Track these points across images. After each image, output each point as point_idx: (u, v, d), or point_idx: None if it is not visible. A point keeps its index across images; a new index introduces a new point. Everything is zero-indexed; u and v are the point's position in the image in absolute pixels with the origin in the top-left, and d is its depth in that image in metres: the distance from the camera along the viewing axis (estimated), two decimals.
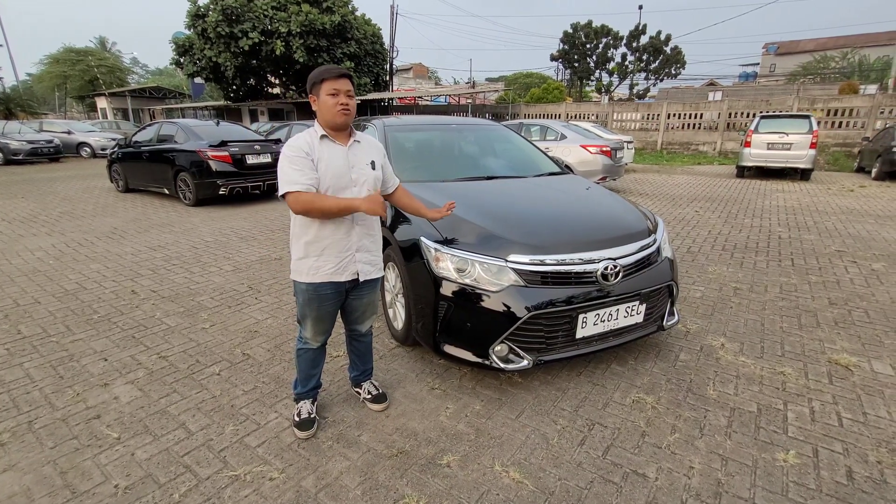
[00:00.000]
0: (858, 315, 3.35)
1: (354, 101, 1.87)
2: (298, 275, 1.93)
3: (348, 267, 1.93)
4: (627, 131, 17.55)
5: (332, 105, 1.80)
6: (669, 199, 8.24)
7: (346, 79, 1.82)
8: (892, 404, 2.30)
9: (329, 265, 1.90)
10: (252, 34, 18.96)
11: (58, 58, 35.43)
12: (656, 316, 2.62)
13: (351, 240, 1.92)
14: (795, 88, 21.76)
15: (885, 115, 13.89)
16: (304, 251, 1.90)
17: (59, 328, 3.15)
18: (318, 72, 1.83)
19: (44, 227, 6.17)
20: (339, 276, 1.92)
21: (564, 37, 29.13)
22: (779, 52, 42.68)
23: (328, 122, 1.84)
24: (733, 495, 1.74)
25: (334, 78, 1.80)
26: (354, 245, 1.93)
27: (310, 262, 1.89)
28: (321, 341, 2.09)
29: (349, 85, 1.83)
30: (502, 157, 3.89)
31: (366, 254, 1.98)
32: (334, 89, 1.80)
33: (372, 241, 2.01)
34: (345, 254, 1.91)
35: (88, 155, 17.02)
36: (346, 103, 1.81)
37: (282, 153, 1.81)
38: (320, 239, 1.87)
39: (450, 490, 1.76)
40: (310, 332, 2.04)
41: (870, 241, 5.30)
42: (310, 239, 1.88)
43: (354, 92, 1.88)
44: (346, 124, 1.86)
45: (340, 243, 1.89)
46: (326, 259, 1.89)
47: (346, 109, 1.81)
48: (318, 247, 1.88)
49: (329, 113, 1.81)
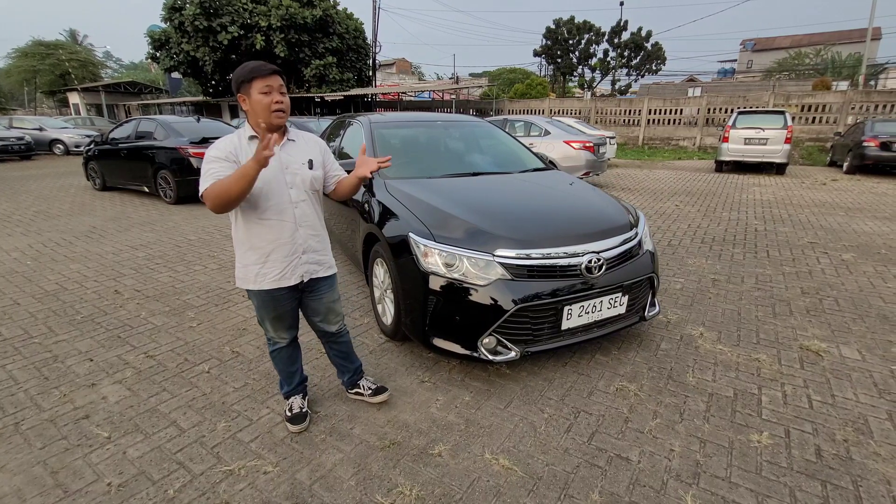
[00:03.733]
0: (829, 303, 3.50)
1: (288, 99, 1.76)
2: (245, 282, 1.86)
3: (296, 270, 1.87)
4: (609, 127, 17.78)
5: (266, 104, 1.69)
6: (650, 193, 8.42)
7: (278, 75, 1.72)
8: (858, 387, 2.43)
9: (275, 271, 1.83)
10: (231, 28, 18.63)
11: (26, 51, 34.15)
12: (638, 307, 2.71)
13: (296, 243, 1.85)
14: (771, 85, 22.32)
15: (855, 111, 14.38)
16: (247, 258, 1.83)
17: (41, 329, 3.10)
18: (245, 70, 1.70)
19: (18, 226, 6.00)
20: (287, 281, 1.86)
21: (547, 32, 29.29)
22: (755, 49, 43.67)
23: (264, 122, 1.72)
24: (711, 475, 1.83)
25: (266, 75, 1.68)
26: (300, 248, 1.86)
27: (255, 269, 1.82)
28: (289, 337, 2.05)
29: (281, 81, 1.73)
30: (488, 154, 3.94)
31: (312, 254, 1.91)
32: (267, 86, 1.68)
33: (318, 241, 1.94)
34: (290, 258, 1.85)
35: (62, 152, 16.50)
36: (280, 101, 1.71)
37: (205, 155, 1.72)
38: (263, 245, 1.80)
39: (441, 478, 1.82)
40: (273, 331, 2.00)
41: (840, 233, 5.52)
42: (252, 245, 1.80)
43: (286, 89, 1.78)
44: (281, 125, 1.76)
45: (285, 248, 1.82)
46: (272, 266, 1.82)
47: (280, 110, 1.71)
48: (261, 253, 1.81)
49: (263, 114, 1.70)
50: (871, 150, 10.19)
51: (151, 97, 31.21)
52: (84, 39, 41.67)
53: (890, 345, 2.87)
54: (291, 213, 1.84)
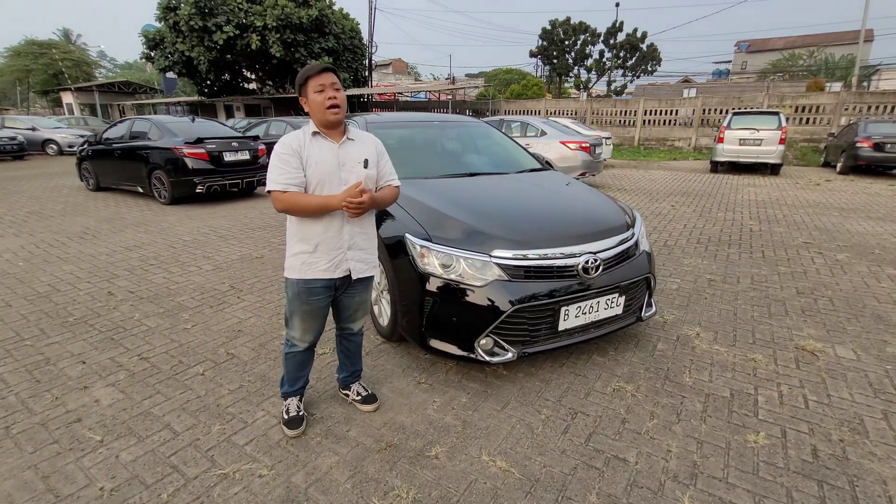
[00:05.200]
0: (824, 303, 3.52)
1: (343, 94, 1.85)
2: (291, 271, 1.93)
3: (341, 264, 1.93)
4: (605, 127, 17.84)
5: (321, 102, 1.79)
6: (646, 193, 8.44)
7: (330, 73, 1.82)
8: (853, 386, 2.44)
9: (322, 262, 1.90)
10: (227, 28, 18.53)
11: (19, 50, 33.88)
12: (635, 307, 2.71)
13: (342, 238, 1.91)
14: (766, 86, 22.46)
15: (849, 112, 14.49)
16: (297, 248, 1.90)
17: (33, 331, 3.07)
18: (301, 72, 1.83)
19: (10, 227, 5.94)
20: (332, 273, 1.92)
21: (543, 33, 29.32)
22: (750, 50, 43.93)
23: (320, 120, 1.84)
24: (708, 476, 1.83)
25: (317, 74, 1.80)
26: (346, 243, 1.92)
27: (303, 257, 1.90)
28: (309, 342, 2.06)
29: (334, 78, 1.82)
30: (484, 154, 3.93)
31: (358, 252, 1.97)
32: (320, 85, 1.79)
33: (365, 239, 1.99)
34: (336, 252, 1.91)
35: (55, 152, 16.35)
36: (333, 97, 1.80)
37: (273, 150, 1.82)
38: (312, 237, 1.88)
39: (438, 480, 1.80)
40: (297, 330, 2.02)
41: (834, 233, 5.55)
42: (302, 236, 1.89)
43: (341, 85, 1.87)
44: (338, 122, 1.86)
45: (332, 241, 1.89)
46: (319, 256, 1.89)
47: (334, 105, 1.80)
48: (310, 244, 1.88)
49: (319, 110, 1.81)
50: (865, 151, 10.27)
51: (146, 97, 31.01)
52: (78, 39, 41.40)
53: (884, 344, 2.88)
54: None
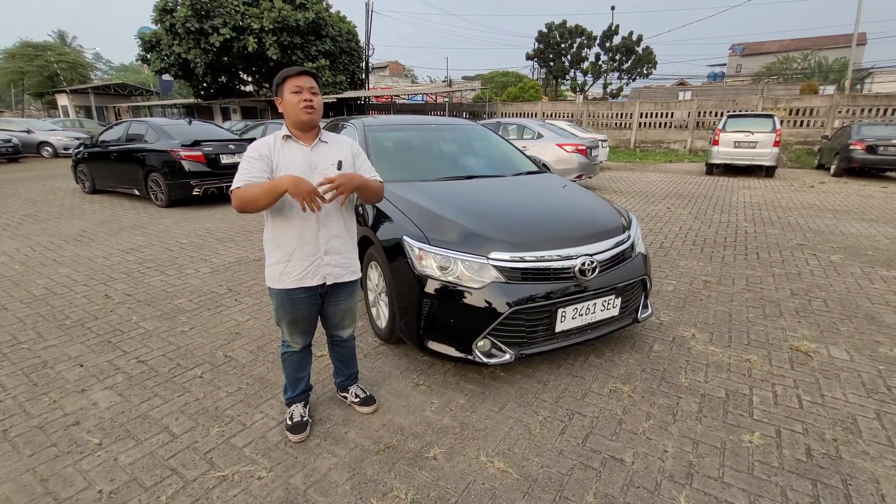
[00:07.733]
0: (817, 304, 3.55)
1: (320, 100, 1.83)
2: (270, 281, 1.91)
3: (318, 271, 1.90)
4: (601, 130, 17.92)
5: (295, 103, 1.77)
6: (642, 196, 8.49)
7: (309, 76, 1.80)
8: (847, 386, 2.47)
9: (297, 270, 1.87)
10: (223, 30, 18.50)
11: (14, 52, 33.72)
12: (631, 309, 2.73)
13: (318, 243, 1.88)
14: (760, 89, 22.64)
15: (842, 115, 14.63)
16: (274, 257, 1.88)
17: (29, 334, 3.06)
18: (280, 73, 1.82)
19: (6, 230, 5.92)
20: (309, 280, 1.89)
21: (539, 36, 29.44)
22: (744, 53, 44.26)
23: (293, 121, 1.82)
24: (704, 475, 1.85)
25: (296, 75, 1.78)
26: (322, 248, 1.89)
27: (279, 267, 1.87)
28: (302, 343, 2.06)
29: (312, 82, 1.80)
30: (481, 157, 3.95)
31: (336, 256, 1.93)
32: (297, 86, 1.77)
33: (342, 244, 1.95)
34: (312, 258, 1.88)
35: (50, 155, 16.30)
36: (309, 100, 1.78)
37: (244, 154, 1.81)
38: (286, 243, 1.85)
39: (437, 481, 1.81)
40: (287, 335, 2.03)
41: (828, 235, 5.60)
42: (278, 242, 1.87)
43: (319, 90, 1.85)
44: (311, 123, 1.83)
45: (307, 247, 1.86)
46: (294, 264, 1.86)
47: (309, 107, 1.78)
48: (285, 251, 1.86)
49: (293, 111, 1.78)
50: (858, 154, 10.36)
51: (142, 99, 30.94)
52: (73, 41, 41.24)
53: (877, 345, 2.91)
54: (315, 212, 1.85)
